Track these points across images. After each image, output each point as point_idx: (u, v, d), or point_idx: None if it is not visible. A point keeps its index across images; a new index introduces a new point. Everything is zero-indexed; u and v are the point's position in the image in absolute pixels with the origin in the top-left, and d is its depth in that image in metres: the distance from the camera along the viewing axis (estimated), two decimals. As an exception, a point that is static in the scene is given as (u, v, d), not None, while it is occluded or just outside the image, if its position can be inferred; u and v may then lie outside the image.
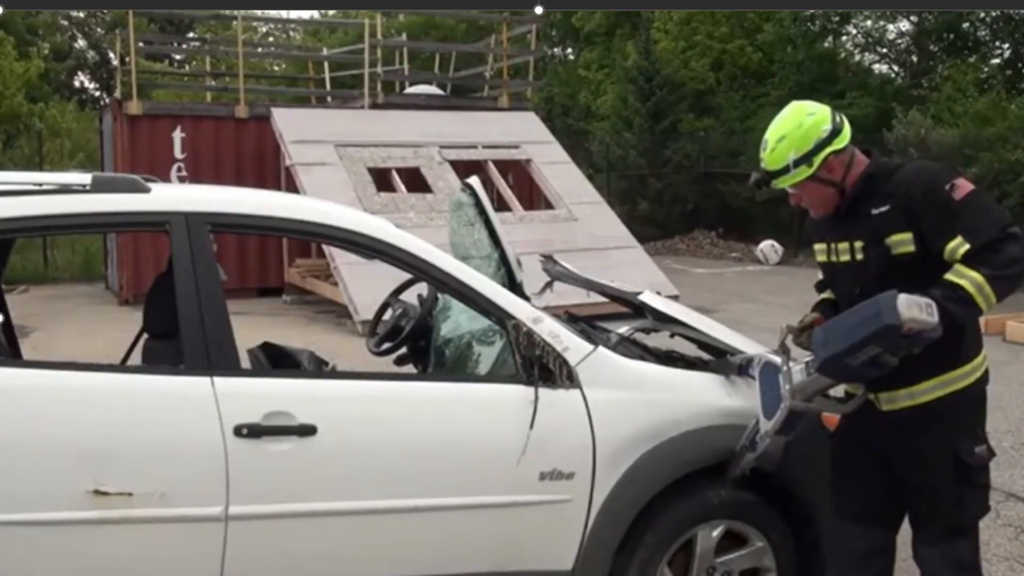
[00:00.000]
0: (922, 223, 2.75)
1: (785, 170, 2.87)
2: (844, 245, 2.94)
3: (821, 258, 3.09)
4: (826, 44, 21.76)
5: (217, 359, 2.79)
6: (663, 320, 3.68)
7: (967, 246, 2.68)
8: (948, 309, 2.61)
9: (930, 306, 2.56)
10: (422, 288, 3.86)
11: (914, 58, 21.83)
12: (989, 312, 2.81)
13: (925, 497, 2.89)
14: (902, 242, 2.78)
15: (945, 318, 2.58)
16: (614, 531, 3.04)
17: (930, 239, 2.75)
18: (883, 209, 2.81)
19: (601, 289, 3.99)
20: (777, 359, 2.87)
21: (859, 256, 2.89)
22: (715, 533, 3.17)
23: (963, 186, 2.75)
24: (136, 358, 3.45)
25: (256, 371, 3.48)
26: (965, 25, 20.08)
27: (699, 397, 3.18)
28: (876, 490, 2.98)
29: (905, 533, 3.04)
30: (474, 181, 3.71)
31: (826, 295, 3.20)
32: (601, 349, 3.14)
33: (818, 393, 2.93)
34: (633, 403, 3.07)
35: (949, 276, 2.69)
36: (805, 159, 2.84)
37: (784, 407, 2.80)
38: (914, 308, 2.54)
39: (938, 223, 2.73)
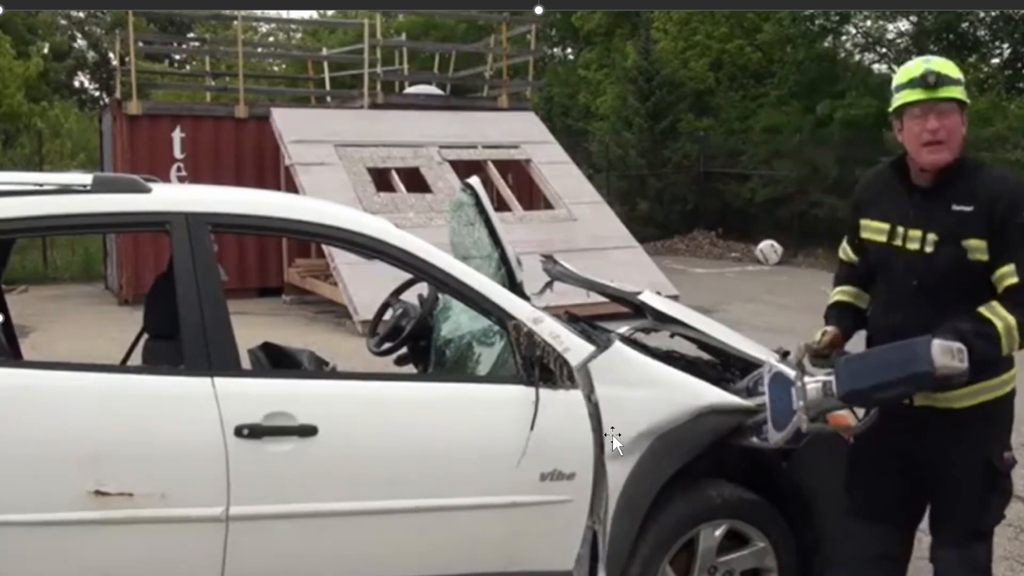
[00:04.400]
0: (994, 235, 2.69)
1: (959, 81, 2.77)
2: (917, 233, 2.81)
3: (878, 238, 2.92)
4: (826, 44, 21.72)
5: (217, 359, 2.79)
6: (663, 320, 3.68)
7: (1014, 280, 2.65)
8: (973, 345, 2.57)
9: (962, 351, 2.54)
10: (422, 288, 3.85)
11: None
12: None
13: (950, 499, 2.86)
14: (978, 249, 2.71)
15: (970, 357, 2.55)
16: (629, 526, 3.02)
17: (991, 252, 2.70)
18: (966, 208, 2.72)
19: (601, 289, 3.99)
20: (790, 372, 2.83)
21: (929, 249, 2.78)
22: (717, 533, 3.17)
23: None
24: (136, 358, 3.46)
25: (256, 371, 3.48)
26: (964, 25, 20.06)
27: (699, 394, 3.16)
28: (895, 491, 2.95)
29: (921, 535, 3.03)
30: (474, 181, 3.71)
31: (839, 297, 3.13)
32: (617, 344, 3.13)
33: (830, 411, 2.91)
34: (639, 401, 3.05)
35: (983, 310, 2.66)
36: (964, 86, 2.79)
37: (796, 422, 2.77)
38: (947, 356, 2.52)
39: (1003, 242, 2.68)
